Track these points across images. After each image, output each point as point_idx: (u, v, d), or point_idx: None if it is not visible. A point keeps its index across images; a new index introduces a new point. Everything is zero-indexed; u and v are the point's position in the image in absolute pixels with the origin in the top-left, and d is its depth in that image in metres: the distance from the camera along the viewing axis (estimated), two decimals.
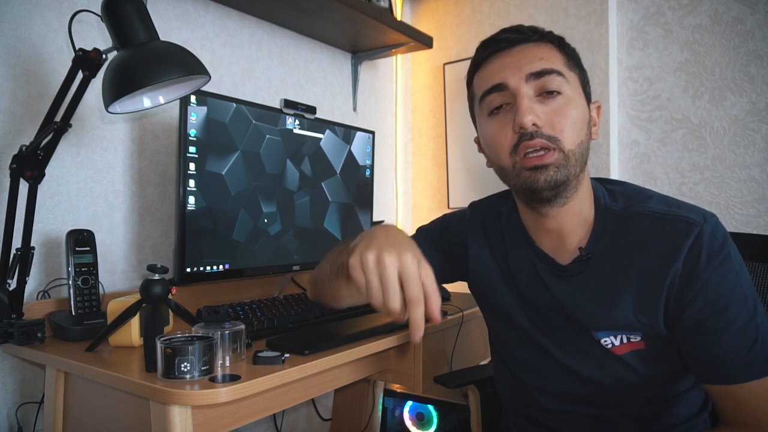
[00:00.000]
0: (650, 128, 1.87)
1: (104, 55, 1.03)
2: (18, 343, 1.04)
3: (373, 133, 1.73)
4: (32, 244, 1.09)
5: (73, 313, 1.11)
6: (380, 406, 1.80)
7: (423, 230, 1.12)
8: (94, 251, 1.16)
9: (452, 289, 1.56)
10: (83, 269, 1.14)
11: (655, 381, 0.85)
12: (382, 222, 1.91)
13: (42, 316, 1.12)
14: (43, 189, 1.21)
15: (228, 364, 0.92)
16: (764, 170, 1.67)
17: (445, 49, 2.30)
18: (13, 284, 1.08)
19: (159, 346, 0.84)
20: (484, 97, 0.86)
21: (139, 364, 0.93)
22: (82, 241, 1.15)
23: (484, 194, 1.10)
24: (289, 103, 1.43)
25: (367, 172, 1.72)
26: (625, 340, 0.83)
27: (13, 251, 1.07)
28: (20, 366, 1.19)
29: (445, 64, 2.29)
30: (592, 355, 0.86)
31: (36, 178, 1.07)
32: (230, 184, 1.29)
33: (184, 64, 0.97)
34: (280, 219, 1.43)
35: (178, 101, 1.14)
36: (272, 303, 1.28)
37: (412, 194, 2.45)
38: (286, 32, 1.85)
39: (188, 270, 1.21)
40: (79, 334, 1.09)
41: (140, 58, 0.94)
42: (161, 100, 1.07)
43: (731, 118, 1.72)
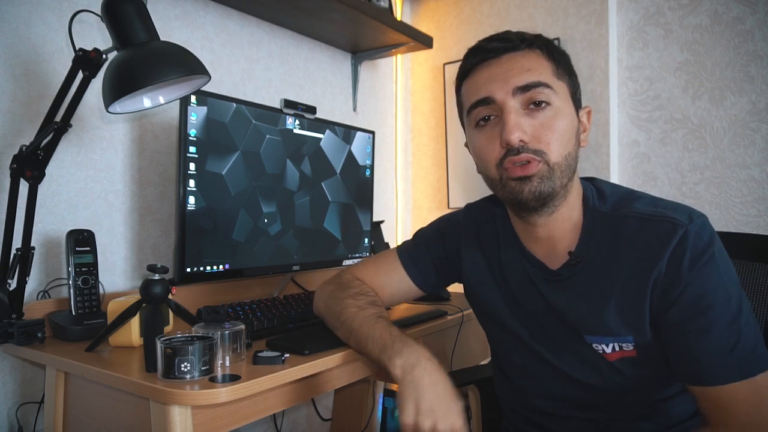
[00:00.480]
0: (650, 128, 1.87)
1: (104, 55, 1.03)
2: (18, 343, 1.04)
3: (373, 133, 1.73)
4: (32, 244, 1.09)
5: (73, 313, 1.11)
6: (380, 406, 1.80)
7: (421, 236, 1.11)
8: (94, 251, 1.16)
9: (452, 290, 1.56)
10: (83, 269, 1.14)
11: (649, 384, 0.85)
12: (382, 222, 1.91)
13: (42, 316, 1.12)
14: (43, 189, 1.21)
15: (228, 364, 0.92)
16: (764, 170, 1.67)
17: (445, 49, 2.30)
18: (13, 284, 1.08)
19: (159, 346, 0.84)
20: (471, 110, 0.86)
21: (139, 364, 0.93)
22: (82, 241, 1.15)
23: (485, 194, 1.09)
24: (289, 103, 1.43)
25: (367, 172, 1.72)
26: (617, 348, 0.83)
27: (13, 251, 1.07)
28: (20, 366, 1.19)
29: (445, 64, 2.29)
30: (586, 359, 0.86)
31: (36, 178, 1.07)
32: (230, 184, 1.29)
33: (184, 64, 0.97)
34: (280, 219, 1.43)
35: (178, 101, 1.14)
36: (272, 303, 1.28)
37: (412, 194, 2.45)
38: (286, 32, 1.85)
39: (188, 270, 1.21)
40: (79, 334, 1.09)
41: (140, 58, 0.94)
42: (161, 100, 1.07)
43: (731, 118, 1.72)
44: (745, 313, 0.77)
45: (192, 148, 1.21)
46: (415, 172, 2.44)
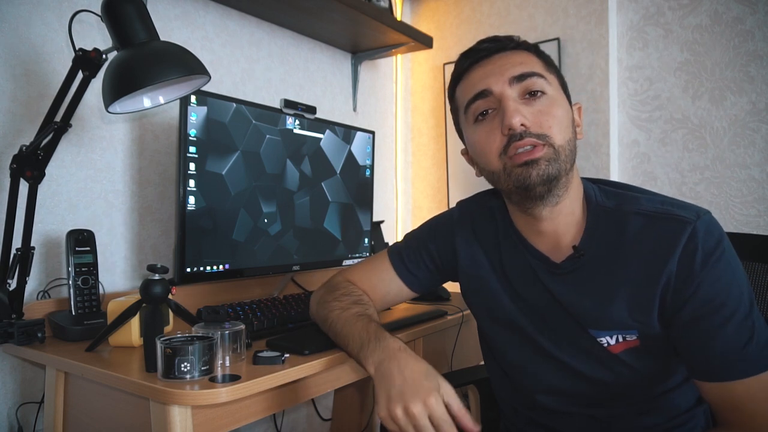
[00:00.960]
0: (650, 128, 1.87)
1: (104, 55, 1.03)
2: (18, 343, 1.04)
3: (373, 133, 1.73)
4: (32, 244, 1.09)
5: (73, 313, 1.11)
6: None
7: (411, 237, 1.11)
8: (94, 251, 1.16)
9: (452, 290, 1.56)
10: (83, 269, 1.14)
11: (652, 375, 0.86)
12: (382, 222, 1.91)
13: (42, 316, 1.12)
14: (43, 189, 1.21)
15: (228, 364, 0.92)
16: (764, 170, 1.67)
17: (445, 49, 2.30)
18: (13, 284, 1.08)
19: (159, 346, 0.84)
20: (469, 105, 0.87)
21: (139, 364, 0.93)
22: (82, 241, 1.15)
23: None
24: (289, 103, 1.43)
25: (367, 172, 1.72)
26: (621, 339, 0.84)
27: (13, 251, 1.07)
28: (20, 366, 1.19)
29: (445, 64, 2.29)
30: (589, 352, 0.87)
31: (36, 178, 1.07)
32: (230, 184, 1.29)
33: (184, 64, 0.97)
34: (280, 219, 1.43)
35: (178, 101, 1.14)
36: (272, 303, 1.28)
37: (412, 194, 2.45)
38: (286, 32, 1.85)
39: (188, 270, 1.21)
40: (79, 334, 1.09)
41: (140, 58, 0.94)
42: (161, 100, 1.07)
43: (731, 118, 1.72)
44: (755, 308, 0.78)
45: (192, 148, 1.21)
46: (415, 172, 2.44)
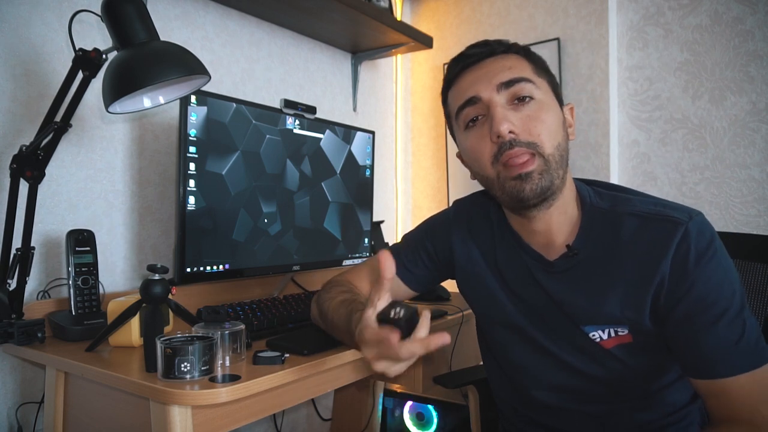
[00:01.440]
0: (650, 128, 1.87)
1: (104, 55, 1.03)
2: (18, 343, 1.04)
3: (373, 133, 1.73)
4: (32, 244, 1.09)
5: (73, 313, 1.11)
6: (380, 406, 1.80)
7: (409, 237, 1.12)
8: (94, 251, 1.16)
9: (452, 290, 1.56)
10: (83, 269, 1.14)
11: (646, 371, 0.87)
12: (382, 222, 1.91)
13: (42, 316, 1.12)
14: (43, 189, 1.21)
15: (228, 364, 0.92)
16: (764, 170, 1.67)
17: (445, 49, 2.30)
18: (13, 284, 1.08)
19: (159, 346, 0.84)
20: (459, 112, 0.88)
21: (139, 364, 0.93)
22: (82, 241, 1.15)
23: None
24: (289, 103, 1.43)
25: (367, 172, 1.72)
26: (613, 334, 0.85)
27: (13, 251, 1.07)
28: (20, 366, 1.19)
29: (445, 64, 2.28)
30: (583, 349, 0.88)
31: (36, 178, 1.07)
32: (230, 184, 1.29)
33: (184, 64, 0.97)
34: (280, 219, 1.43)
35: (178, 101, 1.14)
36: (272, 303, 1.28)
37: (412, 194, 2.45)
38: (286, 32, 1.85)
39: (188, 270, 1.21)
40: (79, 334, 1.09)
41: (140, 58, 0.94)
42: (161, 100, 1.07)
43: (731, 118, 1.72)
44: (746, 306, 0.79)
45: (192, 148, 1.21)
46: (415, 172, 2.44)
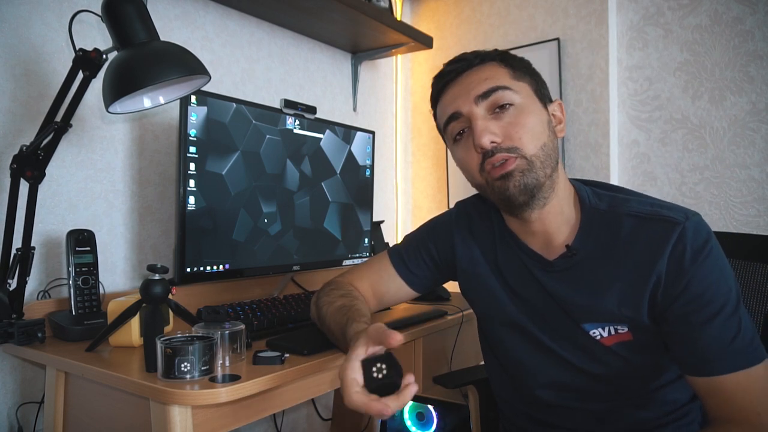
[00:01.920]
0: (650, 128, 1.87)
1: (104, 55, 1.03)
2: (18, 343, 1.04)
3: (373, 133, 1.73)
4: (32, 244, 1.09)
5: (74, 313, 1.11)
6: None
7: (411, 237, 1.13)
8: (94, 251, 1.16)
9: (452, 290, 1.56)
10: (83, 269, 1.14)
11: (646, 369, 0.88)
12: (382, 222, 1.91)
13: (42, 316, 1.12)
14: (43, 189, 1.21)
15: (228, 364, 0.92)
16: (764, 170, 1.67)
17: (445, 49, 2.30)
18: (14, 284, 1.08)
19: (159, 346, 0.85)
20: (445, 127, 0.93)
21: (139, 364, 0.93)
22: (82, 241, 1.15)
23: None
24: (289, 103, 1.43)
25: (367, 172, 1.72)
26: (613, 332, 0.87)
27: (14, 251, 1.07)
28: (20, 366, 1.19)
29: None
30: (584, 347, 0.89)
31: (36, 178, 1.07)
32: (230, 184, 1.29)
33: (184, 64, 0.97)
34: (280, 219, 1.43)
35: (178, 101, 1.14)
36: (272, 303, 1.28)
37: (412, 194, 2.44)
38: (286, 32, 1.85)
39: (188, 270, 1.21)
40: (79, 334, 1.09)
41: (140, 58, 0.94)
42: (161, 100, 1.07)
43: (731, 118, 1.72)
44: (742, 305, 0.81)
45: (192, 148, 1.21)
46: (415, 172, 2.44)
